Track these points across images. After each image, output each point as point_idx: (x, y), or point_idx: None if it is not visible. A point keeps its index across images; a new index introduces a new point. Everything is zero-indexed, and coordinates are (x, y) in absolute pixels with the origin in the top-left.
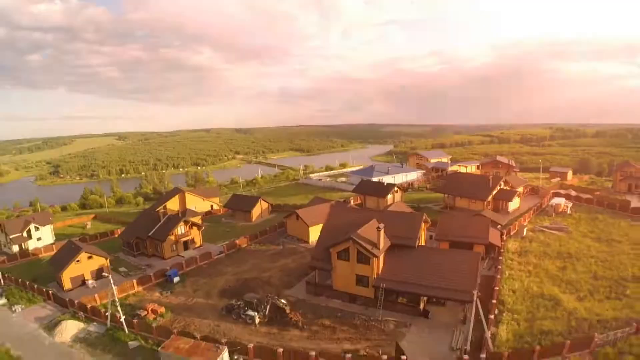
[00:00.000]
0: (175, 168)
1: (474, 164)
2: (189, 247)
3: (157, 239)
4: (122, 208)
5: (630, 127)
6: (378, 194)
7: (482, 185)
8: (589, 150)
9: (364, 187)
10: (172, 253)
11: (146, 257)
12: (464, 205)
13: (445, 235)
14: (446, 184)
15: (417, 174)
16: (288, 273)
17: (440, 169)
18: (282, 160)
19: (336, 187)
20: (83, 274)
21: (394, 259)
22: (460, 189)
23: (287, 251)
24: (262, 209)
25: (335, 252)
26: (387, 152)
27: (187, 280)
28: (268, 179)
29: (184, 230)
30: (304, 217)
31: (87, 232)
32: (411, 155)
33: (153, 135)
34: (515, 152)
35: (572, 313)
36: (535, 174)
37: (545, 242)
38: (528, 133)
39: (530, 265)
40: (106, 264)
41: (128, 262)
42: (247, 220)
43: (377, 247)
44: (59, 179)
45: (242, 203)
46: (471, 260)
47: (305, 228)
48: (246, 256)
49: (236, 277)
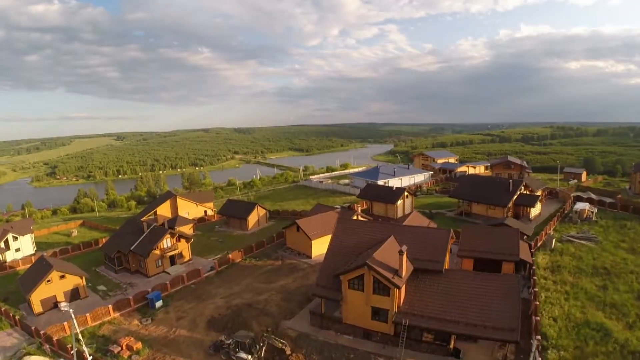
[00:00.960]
0: (173, 168)
1: (483, 165)
2: (177, 261)
3: (139, 254)
4: (113, 212)
5: (632, 126)
6: (386, 199)
7: (502, 190)
8: (593, 149)
9: (370, 192)
10: (156, 269)
11: (129, 274)
12: (481, 212)
13: (470, 251)
14: (460, 187)
15: (425, 176)
16: (288, 297)
17: (448, 169)
18: (281, 160)
19: (338, 190)
20: (55, 295)
21: (418, 288)
22: (476, 194)
23: (287, 268)
24: (259, 216)
25: (347, 279)
26: (387, 152)
27: (171, 304)
28: (266, 180)
29: (170, 243)
30: (306, 228)
31: (72, 240)
32: (416, 155)
33: (152, 135)
34: (518, 151)
35: (624, 346)
36: (548, 175)
37: (577, 254)
38: (529, 132)
39: (567, 284)
40: (82, 283)
41: (109, 279)
42: (242, 229)
43: (398, 275)
44: (55, 181)
45: (238, 210)
46: (511, 288)
47: (306, 241)
48: (240, 274)
49: (227, 302)
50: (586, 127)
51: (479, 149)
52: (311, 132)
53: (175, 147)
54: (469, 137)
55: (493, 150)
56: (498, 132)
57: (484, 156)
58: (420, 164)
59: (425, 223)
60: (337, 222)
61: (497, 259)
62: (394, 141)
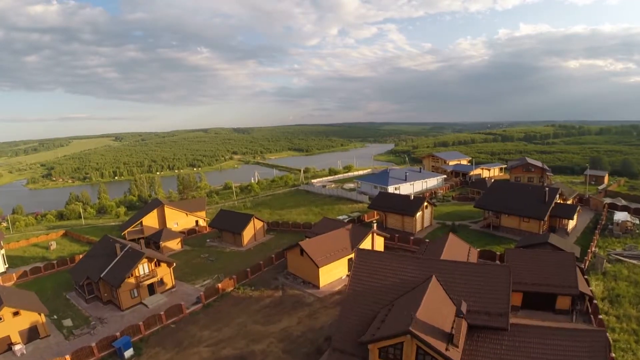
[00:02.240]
0: (170, 170)
1: (497, 167)
2: (156, 290)
3: (110, 284)
4: (101, 220)
5: (635, 124)
6: (403, 211)
7: (537, 199)
8: (597, 148)
9: (384, 202)
10: (132, 301)
11: (101, 304)
12: (512, 225)
13: (517, 283)
14: (487, 196)
15: (438, 180)
16: (292, 347)
17: (461, 172)
18: (280, 160)
19: (344, 196)
20: (9, 336)
21: (473, 352)
22: (507, 204)
23: (289, 301)
24: (256, 230)
25: (377, 348)
26: (388, 151)
27: (144, 353)
28: (265, 184)
29: (149, 269)
30: (312, 252)
31: (49, 255)
32: (426, 157)
33: (150, 135)
34: (521, 151)
35: None
36: (565, 177)
37: (633, 279)
38: (531, 130)
39: (632, 320)
40: (40, 320)
41: (78, 310)
42: (236, 244)
43: (453, 343)
44: (51, 182)
45: (231, 222)
46: (597, 349)
47: (313, 268)
48: (231, 309)
49: (214, 354)
50: (588, 125)
51: (481, 148)
52: (310, 131)
53: (173, 147)
54: (471, 136)
55: (496, 149)
56: (500, 131)
57: (488, 156)
58: (430, 165)
59: (464, 250)
60: (355, 255)
61: (550, 292)
62: (394, 141)
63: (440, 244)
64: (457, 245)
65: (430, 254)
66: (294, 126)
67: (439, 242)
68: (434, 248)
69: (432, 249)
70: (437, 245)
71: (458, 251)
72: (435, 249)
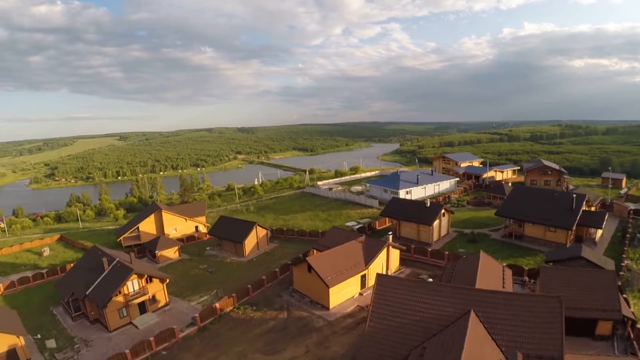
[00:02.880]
0: (174, 169)
1: (510, 169)
2: (148, 309)
3: (95, 303)
4: (99, 223)
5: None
6: (419, 219)
7: (563, 206)
8: (606, 148)
9: (397, 209)
10: (120, 321)
11: (88, 323)
12: (536, 234)
13: None
14: (509, 202)
15: (450, 183)
16: None
17: (474, 174)
18: (285, 160)
19: (352, 200)
20: None
21: None
22: (530, 211)
23: (295, 325)
24: (259, 238)
25: None
26: (393, 151)
27: None
28: (268, 186)
29: (139, 286)
30: (321, 271)
31: (41, 262)
32: (436, 158)
33: (155, 135)
34: (528, 151)
35: None
36: (581, 180)
37: None
38: (537, 130)
39: None
40: (19, 343)
41: (63, 329)
42: (238, 254)
43: None
44: (53, 182)
45: (232, 230)
46: None
47: (322, 288)
48: (230, 334)
49: None
50: (595, 125)
51: (488, 148)
52: (315, 131)
53: (177, 147)
54: (477, 136)
55: (503, 150)
56: (506, 130)
57: (495, 156)
58: (440, 167)
59: (498, 271)
60: (375, 283)
61: (589, 317)
62: (399, 140)
63: (471, 265)
64: (490, 266)
65: (460, 277)
66: (299, 126)
67: (469, 263)
68: (463, 270)
69: (461, 270)
70: (467, 266)
71: (492, 274)
72: (465, 272)
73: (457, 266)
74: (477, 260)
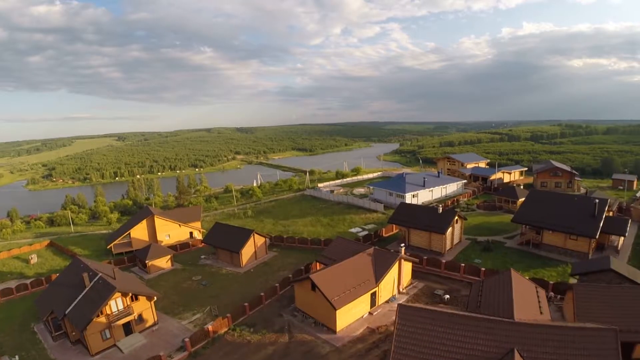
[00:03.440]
0: (172, 170)
1: (517, 170)
2: (134, 329)
3: (75, 324)
4: (92, 227)
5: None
6: (431, 227)
7: (585, 212)
8: (607, 148)
9: (406, 215)
10: (103, 344)
11: (69, 343)
12: (556, 243)
13: None
14: (527, 208)
15: (457, 185)
16: None
17: (481, 176)
18: (284, 160)
19: (355, 204)
20: None
21: None
22: (550, 218)
23: (298, 351)
24: (257, 247)
25: None
26: (393, 151)
27: None
28: (267, 188)
29: (123, 305)
30: (327, 290)
31: (27, 270)
32: (441, 159)
33: (153, 135)
34: (529, 150)
35: None
36: (590, 181)
37: None
38: (537, 130)
39: None
40: None
41: (42, 350)
42: (234, 264)
43: None
44: (50, 183)
45: (228, 239)
46: None
47: (328, 309)
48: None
49: None
50: (595, 125)
51: (489, 148)
52: (314, 131)
53: (176, 147)
54: (477, 135)
55: (504, 149)
56: (506, 130)
57: (497, 156)
58: (445, 168)
59: (532, 293)
60: (397, 315)
61: (628, 341)
62: (399, 140)
63: (502, 288)
64: (524, 288)
65: (491, 305)
66: (298, 125)
67: (499, 285)
68: (494, 294)
69: (491, 295)
70: (497, 289)
71: (528, 298)
72: (497, 297)
73: (485, 288)
74: (508, 281)
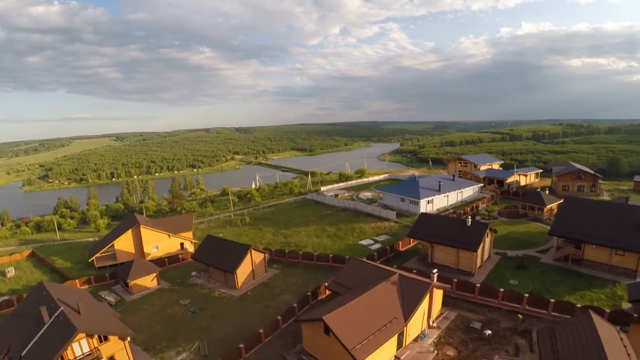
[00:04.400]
0: (170, 171)
1: (533, 172)
2: None
3: None
4: (80, 233)
5: None
6: (459, 242)
7: (631, 224)
8: (611, 147)
9: (428, 227)
10: None
11: None
12: (599, 259)
13: None
14: (564, 219)
15: (474, 190)
16: None
17: (496, 179)
18: (283, 160)
19: (363, 210)
20: None
21: None
22: (590, 229)
23: None
24: (254, 265)
25: None
26: (393, 151)
27: None
28: (266, 191)
29: (89, 348)
30: (345, 336)
31: (3, 285)
32: (452, 160)
33: (152, 135)
34: (532, 150)
35: None
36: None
37: None
38: (539, 129)
39: None
40: None
41: None
42: (228, 285)
43: None
44: (46, 184)
45: (222, 256)
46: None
47: (346, 358)
48: None
49: None
50: (595, 124)
51: (490, 147)
52: (313, 131)
53: (174, 147)
54: (478, 135)
55: (506, 149)
56: (507, 130)
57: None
58: (457, 171)
59: (618, 342)
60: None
61: None
62: (399, 140)
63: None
64: (609, 336)
65: None
66: (297, 125)
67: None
68: (577, 351)
69: (572, 353)
70: (579, 341)
71: (617, 352)
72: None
73: (561, 340)
74: (593, 331)
